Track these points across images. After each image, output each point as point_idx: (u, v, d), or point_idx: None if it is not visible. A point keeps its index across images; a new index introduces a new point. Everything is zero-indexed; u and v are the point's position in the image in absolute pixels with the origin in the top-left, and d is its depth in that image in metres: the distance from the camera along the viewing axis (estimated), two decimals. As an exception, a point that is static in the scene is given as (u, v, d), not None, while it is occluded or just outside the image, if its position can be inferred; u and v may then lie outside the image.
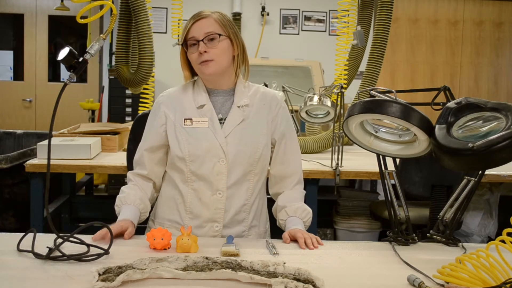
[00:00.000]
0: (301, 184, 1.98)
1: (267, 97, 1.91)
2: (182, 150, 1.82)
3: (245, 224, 1.88)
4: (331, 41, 5.89)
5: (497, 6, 6.80)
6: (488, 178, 2.95)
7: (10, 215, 3.50)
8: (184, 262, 1.41)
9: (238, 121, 1.84)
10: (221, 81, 1.86)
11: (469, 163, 1.52)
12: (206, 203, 1.83)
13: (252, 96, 1.89)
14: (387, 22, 3.53)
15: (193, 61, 1.81)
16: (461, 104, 1.62)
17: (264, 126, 1.87)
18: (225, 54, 1.81)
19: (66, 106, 6.18)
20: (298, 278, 1.33)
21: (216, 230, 1.84)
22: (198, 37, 1.77)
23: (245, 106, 1.86)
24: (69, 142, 3.04)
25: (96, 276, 1.30)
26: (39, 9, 6.72)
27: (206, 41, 1.77)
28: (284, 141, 1.91)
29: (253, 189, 1.88)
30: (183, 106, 1.86)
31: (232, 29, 1.83)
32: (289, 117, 1.95)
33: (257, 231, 1.92)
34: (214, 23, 1.79)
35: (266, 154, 1.88)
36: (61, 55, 1.59)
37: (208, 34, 1.77)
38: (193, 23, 1.80)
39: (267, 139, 1.87)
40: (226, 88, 1.88)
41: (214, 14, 1.82)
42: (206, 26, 1.78)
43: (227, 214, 1.84)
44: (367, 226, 3.97)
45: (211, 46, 1.78)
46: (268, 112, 1.89)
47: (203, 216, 1.84)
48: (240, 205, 1.86)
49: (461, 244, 1.75)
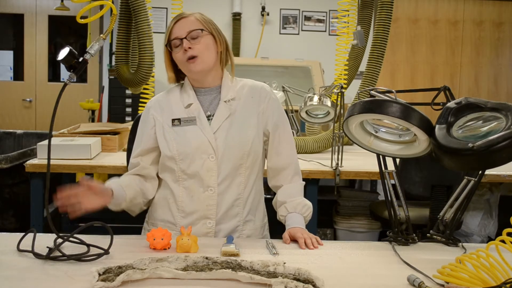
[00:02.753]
0: (299, 176, 1.97)
1: (255, 90, 1.92)
2: (171, 150, 1.83)
3: (239, 219, 1.87)
4: (331, 41, 5.89)
5: (497, 6, 6.80)
6: (488, 178, 2.95)
7: (10, 215, 3.50)
8: (184, 262, 1.41)
9: (225, 115, 1.84)
10: (208, 78, 1.87)
11: (469, 163, 1.52)
12: (198, 200, 1.83)
13: (239, 90, 1.90)
14: (387, 22, 3.52)
15: (179, 60, 1.83)
16: (461, 104, 1.62)
17: (254, 118, 1.87)
18: (209, 50, 1.82)
19: (66, 106, 6.18)
20: (298, 278, 1.33)
21: (209, 226, 1.84)
22: (181, 35, 1.80)
23: (232, 100, 1.87)
24: (69, 142, 3.04)
25: (96, 276, 1.30)
26: (39, 9, 6.72)
27: (189, 38, 1.80)
28: (278, 132, 1.91)
29: (245, 183, 1.87)
30: (171, 107, 1.88)
31: (213, 26, 1.86)
32: (280, 107, 1.95)
33: (252, 226, 1.91)
34: (196, 21, 1.83)
35: (257, 147, 1.88)
36: (61, 55, 1.60)
37: (190, 31, 1.80)
38: (174, 23, 1.83)
39: (257, 131, 1.87)
40: (213, 86, 1.89)
41: (195, 14, 1.86)
42: (188, 24, 1.81)
43: (219, 210, 1.84)
44: (367, 226, 3.96)
45: (194, 42, 1.80)
46: (258, 105, 1.89)
47: (195, 213, 1.84)
48: (232, 200, 1.85)
49: (461, 244, 1.75)
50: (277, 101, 1.95)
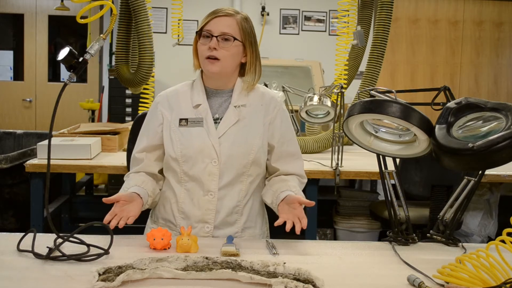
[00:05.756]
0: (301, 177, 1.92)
1: (265, 98, 1.87)
2: (175, 151, 1.81)
3: (237, 226, 1.85)
4: (331, 41, 5.89)
5: (497, 6, 6.80)
6: (488, 178, 2.95)
7: (10, 215, 3.50)
8: (184, 262, 1.41)
9: (233, 121, 1.81)
10: (222, 82, 1.84)
11: (469, 163, 1.52)
12: (198, 203, 1.82)
13: (251, 96, 1.86)
14: (387, 22, 3.52)
15: (201, 52, 1.78)
16: (461, 104, 1.62)
17: (260, 127, 1.84)
18: (233, 59, 1.78)
19: (66, 106, 6.19)
20: (298, 278, 1.33)
21: (207, 231, 1.82)
22: (214, 33, 1.74)
23: (242, 106, 1.83)
24: (69, 142, 3.04)
25: (96, 276, 1.30)
26: (39, 9, 6.73)
27: (220, 39, 1.75)
28: (283, 147, 1.87)
29: (246, 191, 1.85)
30: (180, 105, 1.84)
31: (250, 37, 1.81)
32: (288, 120, 1.91)
33: (251, 233, 1.88)
34: (235, 26, 1.77)
35: (261, 157, 1.84)
36: (61, 55, 1.60)
37: (223, 34, 1.75)
38: (214, 17, 1.76)
39: (262, 141, 1.83)
40: (225, 89, 1.85)
41: (238, 16, 1.79)
42: (226, 25, 1.75)
43: (218, 216, 1.82)
44: (367, 226, 3.96)
45: (223, 46, 1.75)
46: (265, 114, 1.85)
47: (194, 216, 1.83)
48: (231, 206, 1.83)
49: (461, 244, 1.75)
50: (286, 114, 1.90)
